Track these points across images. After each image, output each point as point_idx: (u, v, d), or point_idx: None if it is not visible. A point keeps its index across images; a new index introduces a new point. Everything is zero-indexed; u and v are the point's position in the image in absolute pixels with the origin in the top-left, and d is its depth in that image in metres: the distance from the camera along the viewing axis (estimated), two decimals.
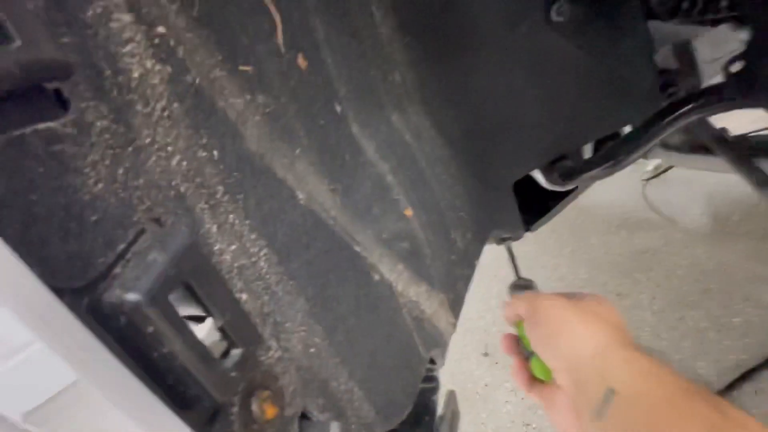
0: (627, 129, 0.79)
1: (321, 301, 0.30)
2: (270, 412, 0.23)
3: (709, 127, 0.76)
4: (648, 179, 2.02)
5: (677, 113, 0.60)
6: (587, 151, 0.86)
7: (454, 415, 0.39)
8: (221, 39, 0.25)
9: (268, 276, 0.26)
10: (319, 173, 0.34)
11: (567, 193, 1.05)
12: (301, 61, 0.34)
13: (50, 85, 0.16)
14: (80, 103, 0.17)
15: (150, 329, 0.16)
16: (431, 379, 0.46)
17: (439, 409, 0.40)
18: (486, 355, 1.50)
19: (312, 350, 0.28)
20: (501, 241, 0.94)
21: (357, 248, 0.37)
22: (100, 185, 0.17)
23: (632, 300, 1.48)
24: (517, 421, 1.27)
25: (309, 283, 0.30)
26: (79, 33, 0.17)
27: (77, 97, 0.17)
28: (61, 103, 0.16)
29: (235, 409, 0.21)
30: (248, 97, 0.27)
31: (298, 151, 0.32)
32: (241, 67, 0.27)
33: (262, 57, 0.29)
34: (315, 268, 0.31)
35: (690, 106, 0.59)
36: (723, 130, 0.77)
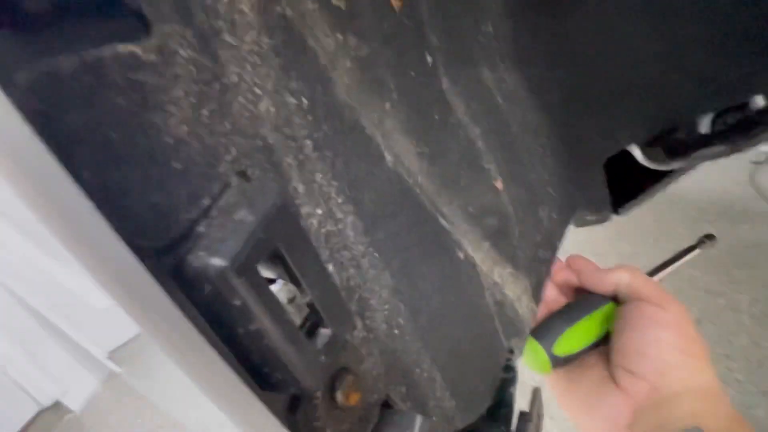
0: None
1: (406, 278, 0.27)
2: (353, 398, 0.20)
3: None
4: (761, 162, 1.72)
5: None
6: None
7: (539, 416, 0.35)
8: None
9: (354, 246, 0.23)
10: (407, 133, 0.30)
11: (665, 174, 0.92)
12: (396, 1, 0.29)
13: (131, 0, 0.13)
14: (163, 25, 0.14)
15: (237, 302, 0.13)
16: (509, 369, 0.42)
17: (524, 406, 0.36)
18: None
19: (396, 331, 0.25)
20: (583, 222, 0.84)
21: (442, 221, 0.33)
22: (184, 127, 0.14)
23: (727, 299, 1.30)
24: None
25: (394, 256, 0.26)
26: None
27: (160, 17, 0.14)
28: (143, 24, 0.14)
29: (319, 394, 0.19)
30: (340, 37, 0.23)
31: (387, 105, 0.28)
32: (335, 1, 0.23)
33: None
34: (400, 240, 0.27)
35: None
36: None
